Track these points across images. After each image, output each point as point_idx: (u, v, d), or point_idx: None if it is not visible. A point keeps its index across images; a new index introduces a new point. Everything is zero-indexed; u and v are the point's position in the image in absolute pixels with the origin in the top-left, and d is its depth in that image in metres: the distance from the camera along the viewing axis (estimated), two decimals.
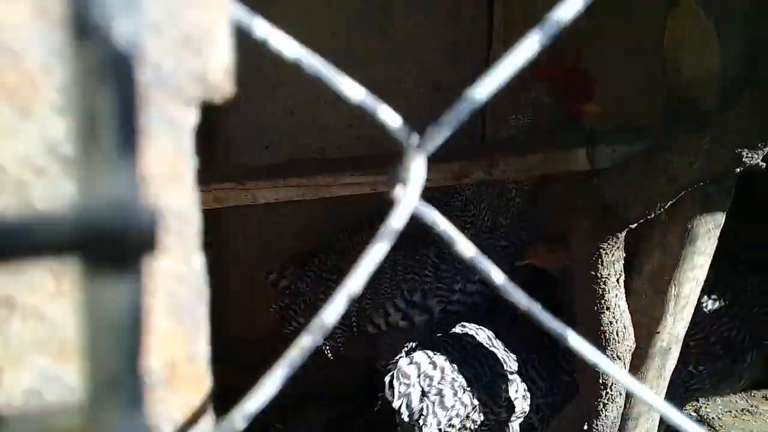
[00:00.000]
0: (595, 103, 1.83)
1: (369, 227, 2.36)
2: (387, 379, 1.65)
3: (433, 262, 2.21)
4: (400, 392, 1.63)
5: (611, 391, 1.73)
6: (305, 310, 2.37)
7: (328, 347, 2.34)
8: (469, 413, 1.71)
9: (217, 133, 2.49)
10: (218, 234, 2.60)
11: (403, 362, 1.69)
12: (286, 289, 2.41)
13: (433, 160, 1.50)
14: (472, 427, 1.74)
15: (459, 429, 1.72)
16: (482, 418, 1.75)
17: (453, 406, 1.68)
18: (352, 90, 0.34)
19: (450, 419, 1.68)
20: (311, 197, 1.48)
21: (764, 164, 1.28)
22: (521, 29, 2.45)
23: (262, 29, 0.31)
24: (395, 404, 1.62)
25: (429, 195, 1.92)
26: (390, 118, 0.34)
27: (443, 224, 0.36)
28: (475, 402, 1.73)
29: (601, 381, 1.73)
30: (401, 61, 2.59)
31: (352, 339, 2.34)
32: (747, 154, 1.25)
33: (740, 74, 1.50)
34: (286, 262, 2.42)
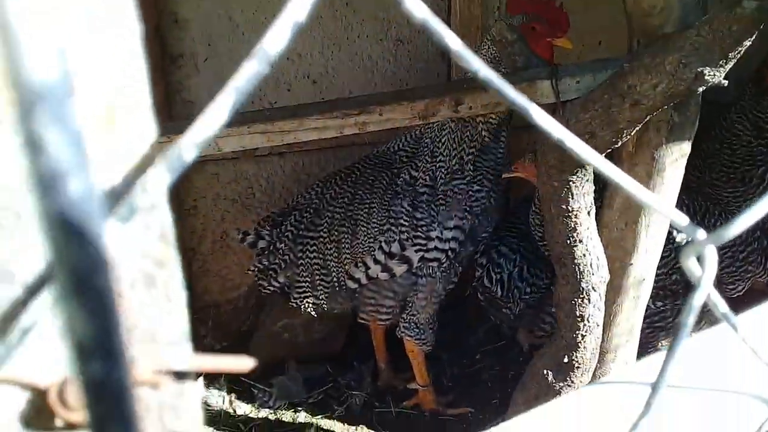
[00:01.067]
0: (567, 38, 1.82)
1: (340, 182, 2.33)
2: (484, 273, 2.20)
3: (407, 211, 2.20)
4: (496, 279, 2.17)
5: (588, 323, 1.75)
6: (286, 269, 2.35)
7: (310, 304, 2.33)
8: (534, 282, 2.24)
9: (177, 94, 2.44)
10: (187, 197, 2.57)
11: (495, 256, 2.22)
12: (264, 250, 2.38)
13: (398, 100, 1.49)
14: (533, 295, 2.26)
15: (530, 296, 2.25)
16: (537, 285, 2.26)
17: (527, 279, 2.22)
18: None
19: (526, 290, 2.22)
20: (277, 143, 1.46)
21: (726, 82, 1.29)
22: None
23: None
24: (494, 290, 2.18)
25: (398, 148, 1.90)
26: None
27: None
28: (535, 273, 2.25)
29: (578, 313, 1.75)
30: (362, 15, 2.56)
31: (334, 294, 2.33)
32: (709, 72, 1.26)
33: (697, 1, 1.51)
34: (261, 223, 2.39)
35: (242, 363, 0.23)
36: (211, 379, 2.41)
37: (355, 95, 2.36)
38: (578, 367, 1.77)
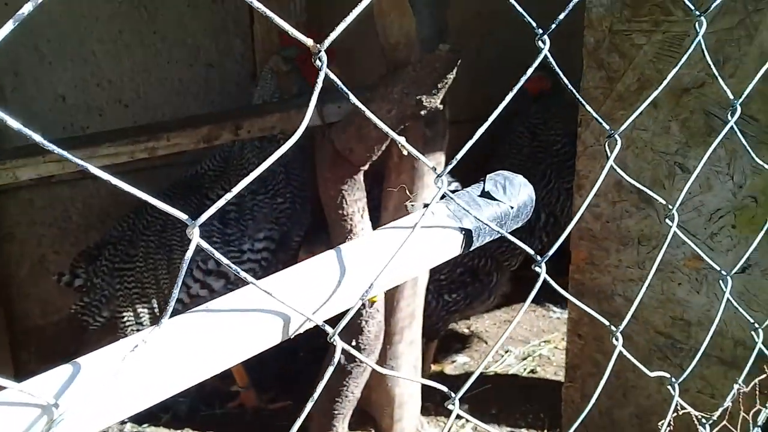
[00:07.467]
0: (335, 66, 2.13)
1: (151, 210, 2.43)
2: None
3: (218, 229, 2.39)
4: None
5: (370, 309, 2.05)
6: (107, 303, 2.43)
7: (136, 333, 2.44)
8: None
9: None
10: (2, 224, 2.60)
11: None
12: (83, 287, 2.43)
13: (183, 126, 1.72)
14: None
15: None
16: None
17: None
18: None
19: None
20: (71, 170, 1.62)
21: (441, 106, 1.62)
22: (277, 5, 2.69)
23: None
24: None
25: (207, 169, 2.09)
26: None
27: None
28: None
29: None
30: (170, 42, 2.72)
31: (159, 320, 2.45)
32: (426, 99, 1.59)
33: (433, 38, 1.86)
34: (76, 260, 2.45)
35: None
36: None
37: (164, 120, 2.52)
38: (364, 349, 2.06)
